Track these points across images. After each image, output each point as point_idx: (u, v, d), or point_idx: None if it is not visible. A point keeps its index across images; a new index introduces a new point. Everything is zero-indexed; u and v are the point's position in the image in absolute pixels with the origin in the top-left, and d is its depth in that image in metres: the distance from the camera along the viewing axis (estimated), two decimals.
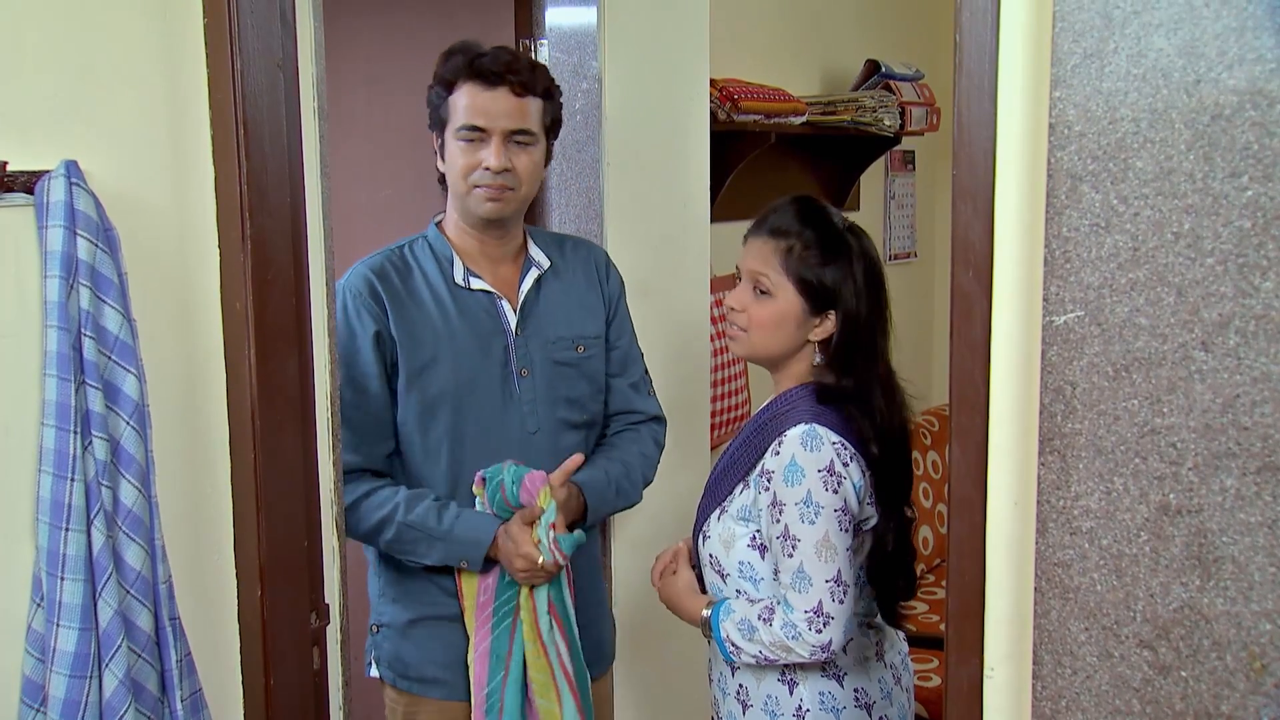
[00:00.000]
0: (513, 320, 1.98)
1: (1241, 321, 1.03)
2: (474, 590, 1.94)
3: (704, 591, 1.89)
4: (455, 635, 1.98)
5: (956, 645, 1.26)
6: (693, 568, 1.91)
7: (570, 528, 1.94)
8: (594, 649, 2.08)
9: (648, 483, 2.13)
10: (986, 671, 1.24)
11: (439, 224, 2.04)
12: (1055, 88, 1.11)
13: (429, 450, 1.95)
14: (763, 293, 1.79)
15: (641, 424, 2.14)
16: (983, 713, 1.25)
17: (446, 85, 1.94)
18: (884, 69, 3.76)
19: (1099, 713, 1.14)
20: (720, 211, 3.06)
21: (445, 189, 2.02)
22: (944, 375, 1.27)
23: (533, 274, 2.02)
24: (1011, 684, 1.22)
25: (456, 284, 1.97)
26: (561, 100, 2.01)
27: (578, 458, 1.97)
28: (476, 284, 1.97)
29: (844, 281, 1.76)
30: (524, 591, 1.92)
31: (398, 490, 1.94)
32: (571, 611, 1.97)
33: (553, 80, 1.99)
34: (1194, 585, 1.08)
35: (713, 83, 2.88)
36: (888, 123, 3.63)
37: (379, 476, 1.97)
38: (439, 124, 1.96)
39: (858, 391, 1.75)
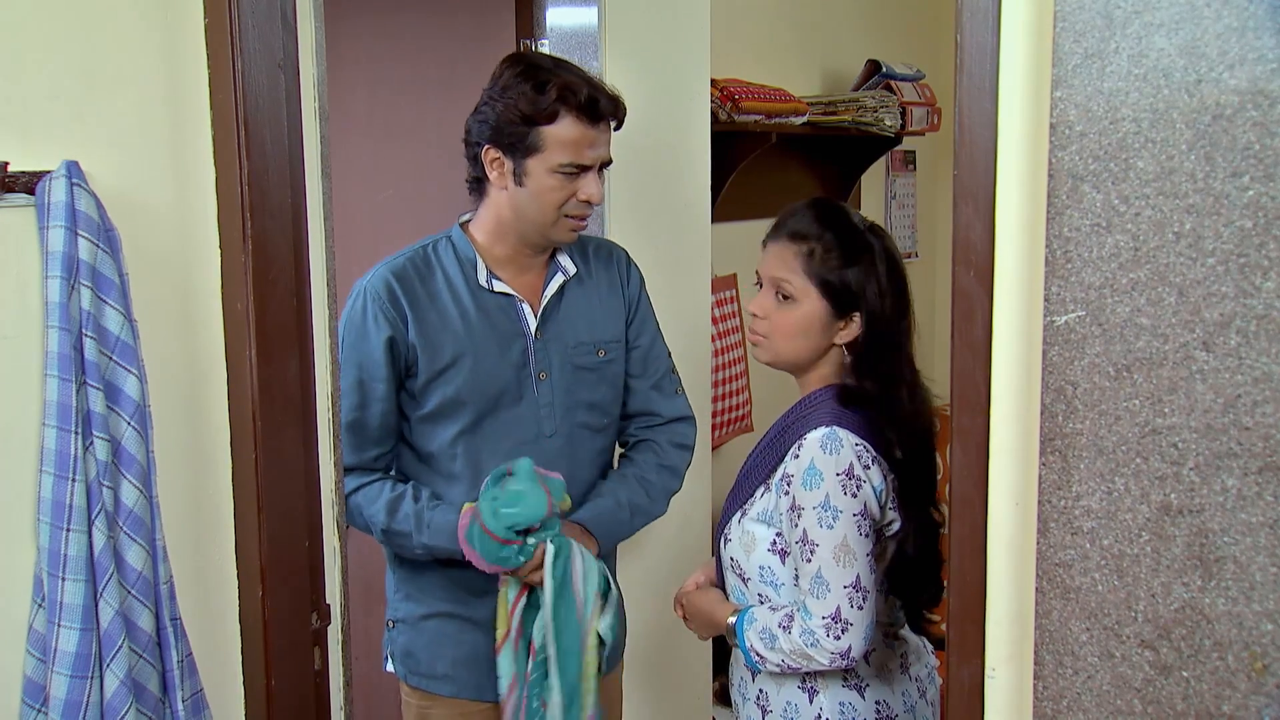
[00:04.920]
0: (532, 323, 1.99)
1: (1243, 321, 1.03)
2: (509, 599, 1.94)
3: (727, 597, 1.88)
4: (465, 633, 1.99)
5: (958, 645, 1.26)
6: (715, 585, 1.91)
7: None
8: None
9: (673, 491, 2.14)
10: (988, 672, 1.24)
11: (464, 225, 2.04)
12: (1056, 88, 1.11)
13: (447, 449, 1.97)
14: (785, 298, 1.76)
15: (660, 427, 2.14)
16: (984, 713, 1.25)
17: (541, 117, 1.88)
18: (885, 69, 3.76)
19: (1100, 713, 1.14)
20: (721, 212, 3.06)
21: (478, 195, 2.01)
22: (945, 375, 1.27)
23: (557, 280, 2.03)
24: (1013, 684, 1.22)
25: (479, 285, 1.98)
26: None
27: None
28: (498, 286, 1.98)
29: (867, 282, 1.73)
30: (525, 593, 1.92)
31: (382, 489, 1.95)
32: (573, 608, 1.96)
33: None
34: (1195, 585, 1.08)
35: (713, 83, 2.88)
36: (888, 123, 3.63)
37: (367, 474, 1.98)
38: (518, 149, 1.91)
39: (881, 393, 1.73)
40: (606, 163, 1.94)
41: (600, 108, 1.89)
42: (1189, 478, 1.07)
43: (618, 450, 2.20)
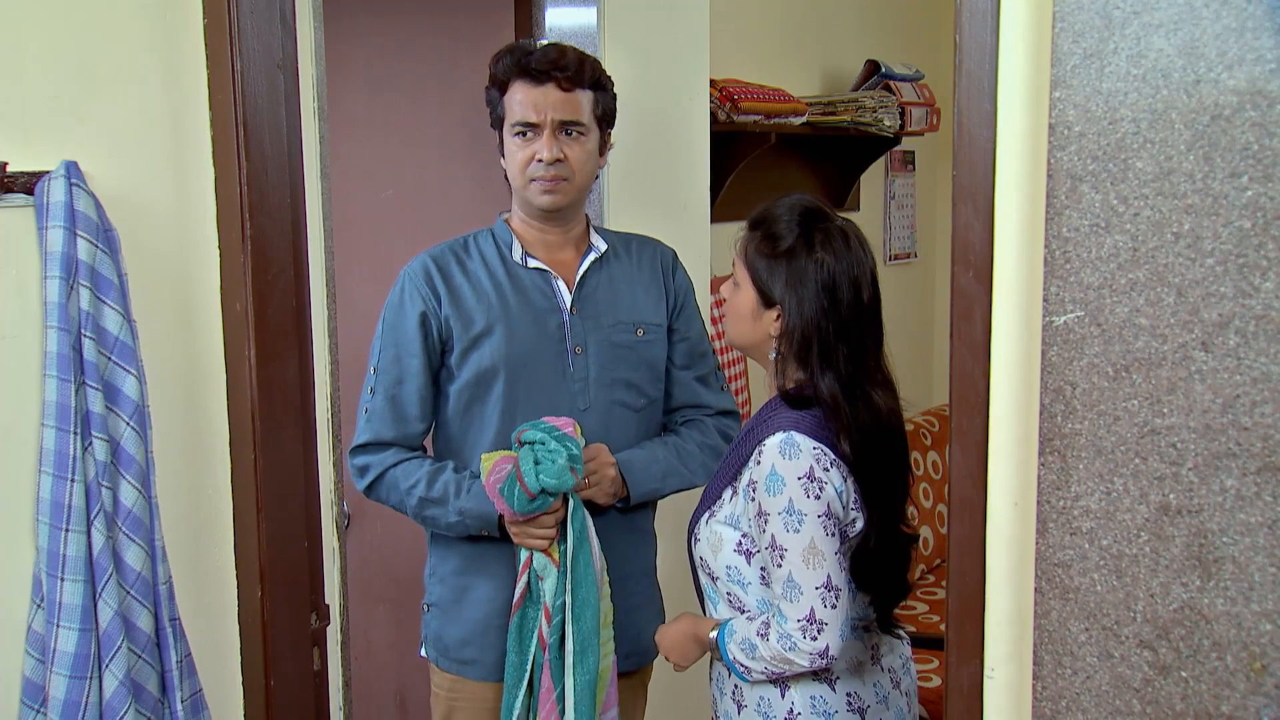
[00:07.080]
0: (567, 298, 2.03)
1: (1241, 322, 1.03)
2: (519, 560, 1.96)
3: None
4: (495, 618, 2.00)
5: (957, 645, 1.26)
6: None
7: (616, 504, 2.00)
8: (632, 642, 2.08)
9: (711, 472, 2.14)
10: (987, 672, 1.24)
11: (505, 219, 2.10)
12: (1055, 88, 1.11)
13: (481, 420, 2.00)
14: (737, 283, 1.83)
15: (709, 417, 2.16)
16: (983, 713, 1.25)
17: (500, 86, 2.00)
18: (884, 69, 3.76)
19: (1099, 713, 1.14)
20: (720, 212, 3.06)
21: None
22: (944, 375, 1.27)
23: (591, 256, 2.07)
24: (1012, 684, 1.22)
25: (514, 261, 2.03)
26: (615, 91, 2.06)
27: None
28: (533, 263, 2.03)
29: (789, 280, 1.75)
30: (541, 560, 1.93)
31: (423, 463, 1.98)
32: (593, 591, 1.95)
33: (604, 72, 2.03)
34: (1194, 585, 1.08)
35: (713, 83, 2.88)
36: (888, 123, 3.63)
37: (409, 452, 2.00)
38: (498, 123, 2.03)
39: (821, 393, 1.74)
40: (567, 124, 1.97)
41: (533, 64, 1.95)
42: (1188, 478, 1.07)
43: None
